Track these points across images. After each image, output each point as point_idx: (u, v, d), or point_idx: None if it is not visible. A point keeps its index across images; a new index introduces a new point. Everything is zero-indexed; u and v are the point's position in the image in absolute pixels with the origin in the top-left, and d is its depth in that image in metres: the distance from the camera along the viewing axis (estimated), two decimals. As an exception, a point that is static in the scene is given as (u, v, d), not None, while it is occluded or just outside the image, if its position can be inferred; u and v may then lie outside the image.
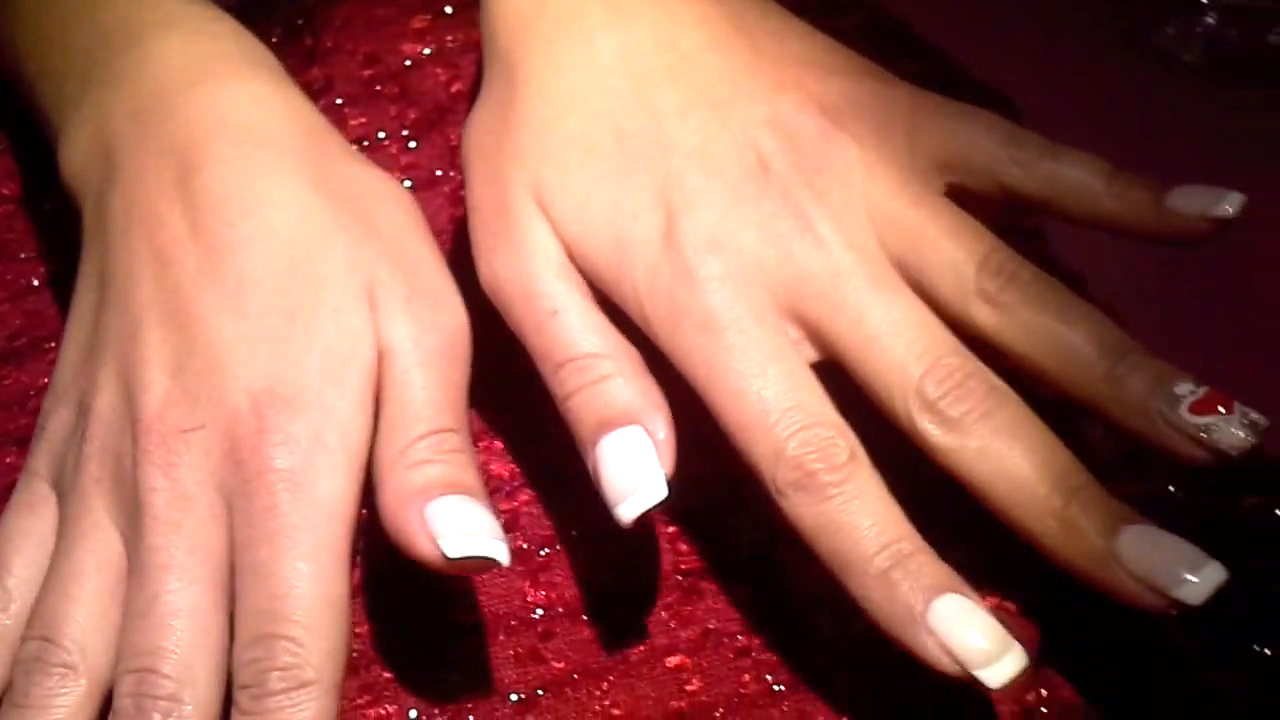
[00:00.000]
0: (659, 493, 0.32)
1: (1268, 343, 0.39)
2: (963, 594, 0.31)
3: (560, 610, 0.36)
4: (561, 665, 0.36)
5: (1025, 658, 0.30)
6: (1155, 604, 0.30)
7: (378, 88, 0.44)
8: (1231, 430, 0.30)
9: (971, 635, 0.30)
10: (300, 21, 0.45)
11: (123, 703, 0.31)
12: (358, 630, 0.36)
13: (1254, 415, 0.30)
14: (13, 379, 0.41)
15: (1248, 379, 0.32)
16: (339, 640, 0.31)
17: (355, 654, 0.36)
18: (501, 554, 0.31)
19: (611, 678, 0.36)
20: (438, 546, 0.31)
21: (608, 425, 0.32)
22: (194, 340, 0.33)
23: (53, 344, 0.41)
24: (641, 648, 0.36)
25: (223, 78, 0.36)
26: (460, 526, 0.31)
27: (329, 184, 0.35)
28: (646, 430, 0.32)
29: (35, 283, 0.42)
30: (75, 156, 0.36)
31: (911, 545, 0.31)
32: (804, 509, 0.32)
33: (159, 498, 0.32)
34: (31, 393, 0.41)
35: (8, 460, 0.39)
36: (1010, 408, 0.32)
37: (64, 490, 0.34)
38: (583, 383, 0.33)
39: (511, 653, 0.36)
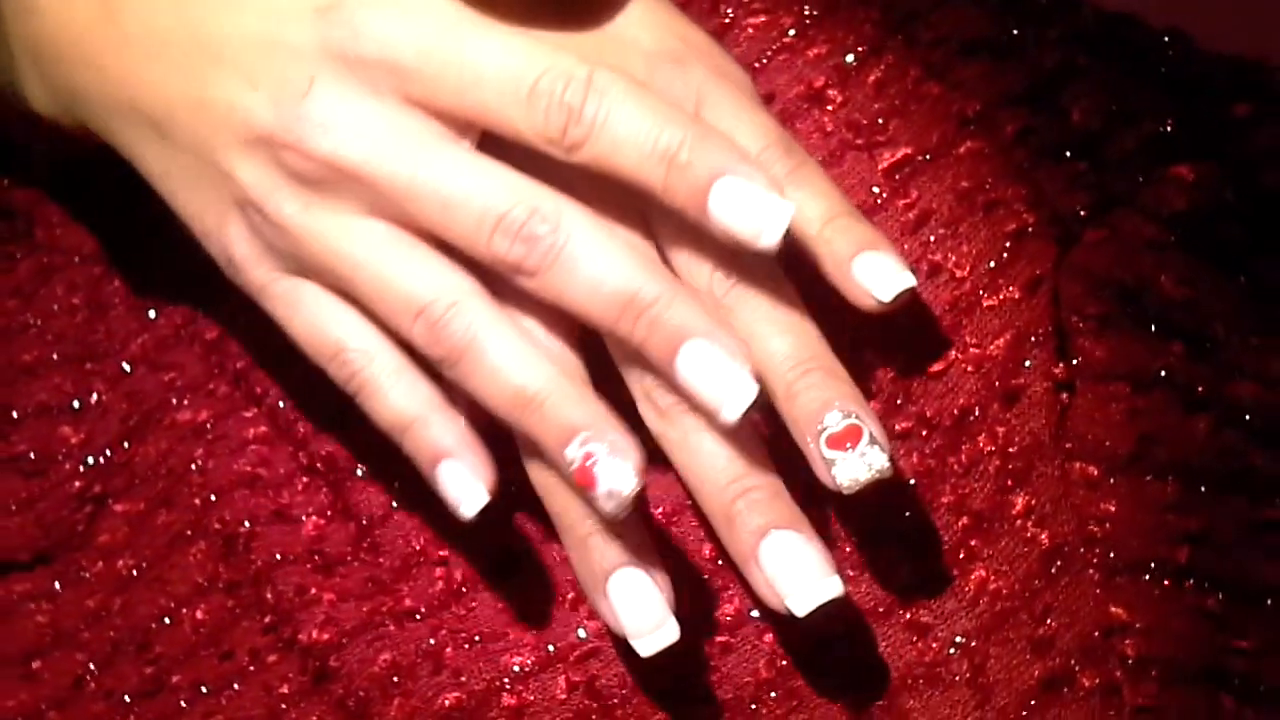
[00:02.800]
0: None
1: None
2: (643, 569, 0.33)
3: None
4: None
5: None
6: (778, 608, 0.32)
7: None
8: (848, 468, 0.31)
9: (635, 609, 0.34)
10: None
11: None
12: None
13: (872, 455, 0.31)
14: None
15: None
16: None
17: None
18: None
19: None
20: None
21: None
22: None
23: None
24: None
25: None
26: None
27: None
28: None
29: None
30: None
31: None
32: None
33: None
34: None
35: None
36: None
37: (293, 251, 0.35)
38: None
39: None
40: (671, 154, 0.32)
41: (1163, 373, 0.32)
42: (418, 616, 0.41)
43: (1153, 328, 0.32)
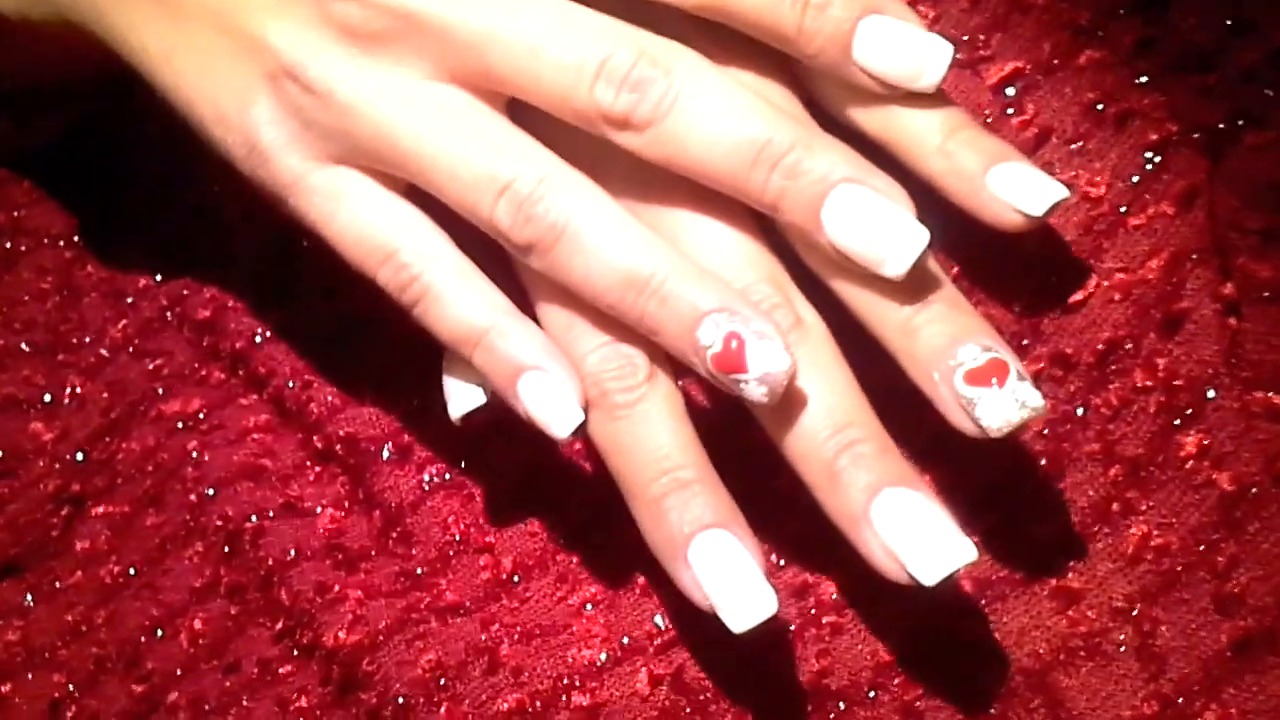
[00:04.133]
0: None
1: None
2: (731, 531, 0.29)
3: None
4: None
5: (770, 603, 0.28)
6: (897, 577, 0.28)
7: None
8: (996, 408, 0.27)
9: (724, 575, 0.28)
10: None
11: None
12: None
13: (1024, 392, 0.27)
14: None
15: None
16: None
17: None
18: None
19: None
20: None
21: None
22: None
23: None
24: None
25: None
26: None
27: None
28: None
29: None
30: None
31: (693, 474, 0.29)
32: (596, 427, 0.30)
33: None
34: None
35: None
36: None
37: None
38: None
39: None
40: None
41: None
42: (463, 611, 0.36)
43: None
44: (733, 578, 0.28)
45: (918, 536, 0.27)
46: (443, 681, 0.35)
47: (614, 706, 0.33)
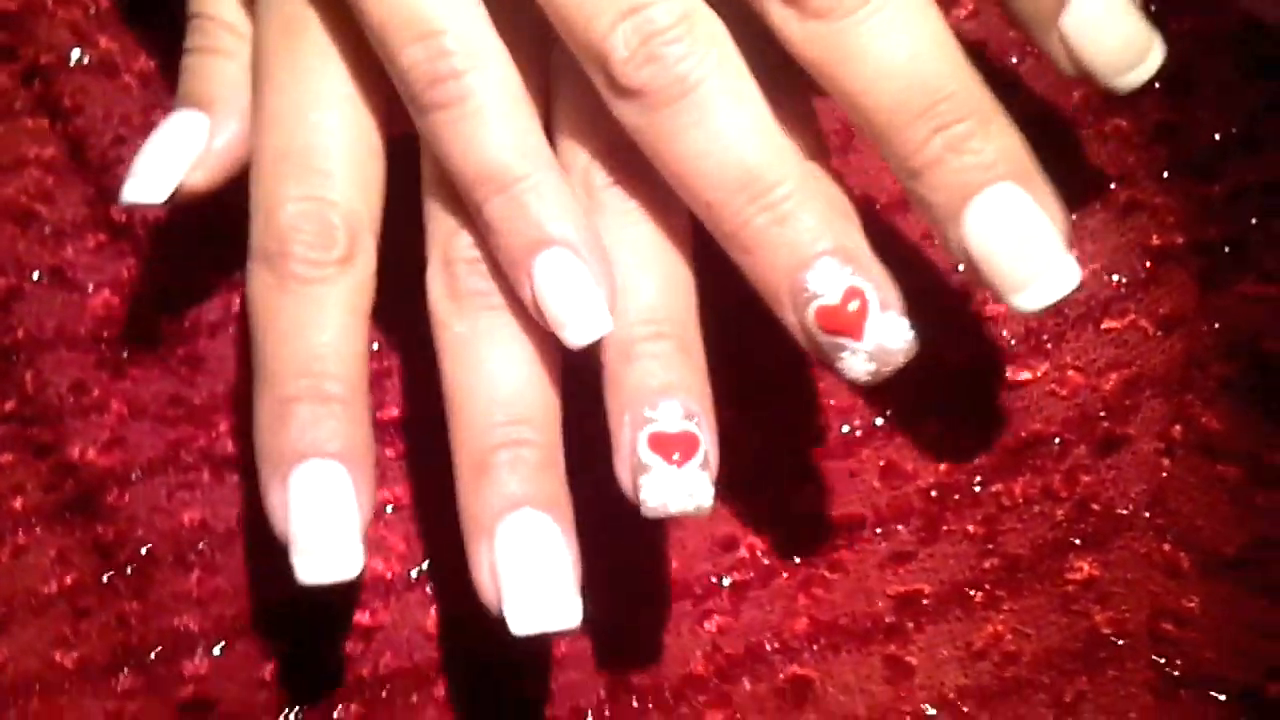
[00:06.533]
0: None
1: None
2: (350, 471, 0.25)
3: None
4: None
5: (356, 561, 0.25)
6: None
7: None
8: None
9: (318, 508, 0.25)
10: None
11: None
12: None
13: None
14: None
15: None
16: None
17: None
18: None
19: None
20: None
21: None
22: None
23: None
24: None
25: None
26: None
27: None
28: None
29: None
30: None
31: (340, 389, 0.25)
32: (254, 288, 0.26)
33: None
34: None
35: None
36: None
37: None
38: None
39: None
40: None
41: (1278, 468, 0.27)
42: (241, 470, 0.31)
43: (1279, 417, 0.27)
44: (329, 515, 0.25)
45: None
46: (202, 547, 0.30)
47: (389, 634, 0.29)
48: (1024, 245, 0.23)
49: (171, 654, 0.30)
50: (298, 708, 0.30)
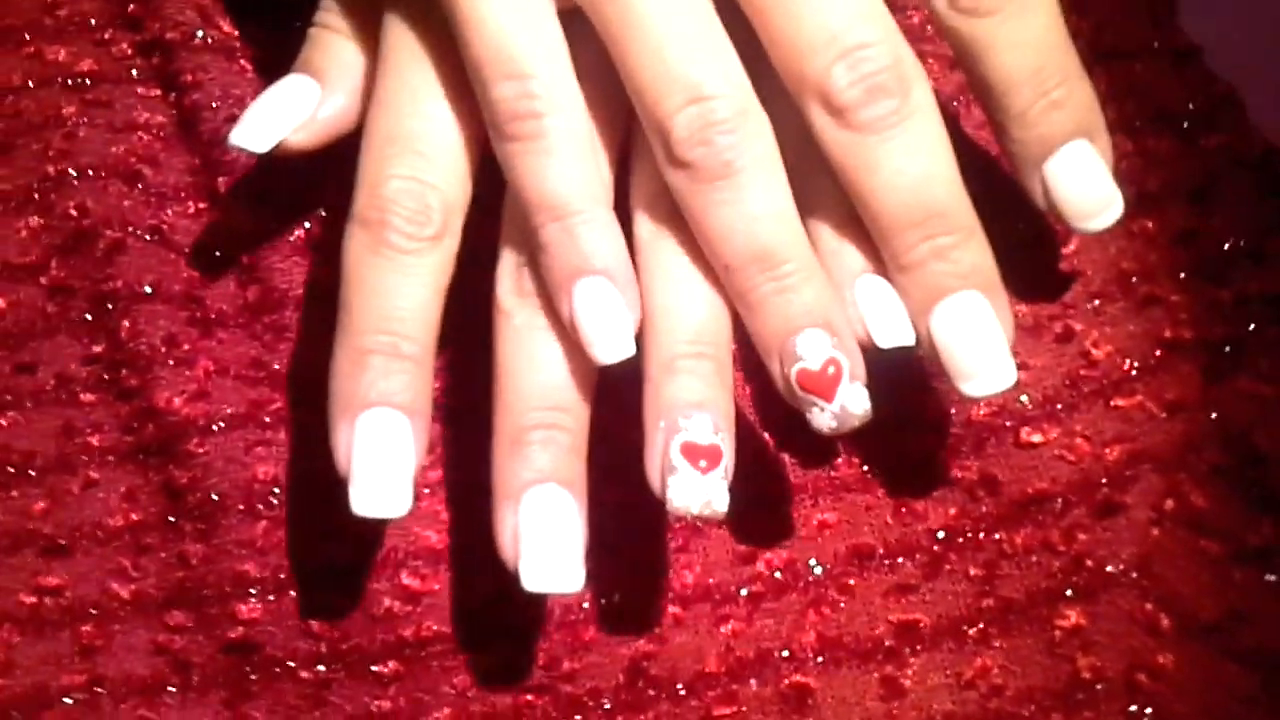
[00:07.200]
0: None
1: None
2: (411, 421, 0.29)
3: None
4: None
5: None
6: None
7: None
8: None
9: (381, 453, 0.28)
10: None
11: None
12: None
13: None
14: None
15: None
16: None
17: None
18: None
19: None
20: None
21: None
22: None
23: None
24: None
25: None
26: None
27: None
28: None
29: None
30: None
31: (415, 349, 0.29)
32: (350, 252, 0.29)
33: None
34: None
35: None
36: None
37: None
38: None
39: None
40: None
41: (1257, 551, 0.31)
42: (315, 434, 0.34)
43: (1260, 503, 0.31)
44: (389, 458, 0.28)
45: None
46: (273, 499, 0.33)
47: (434, 600, 0.32)
48: (977, 344, 0.28)
49: (227, 596, 0.33)
50: (338, 660, 0.32)
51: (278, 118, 0.31)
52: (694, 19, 0.28)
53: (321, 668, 0.33)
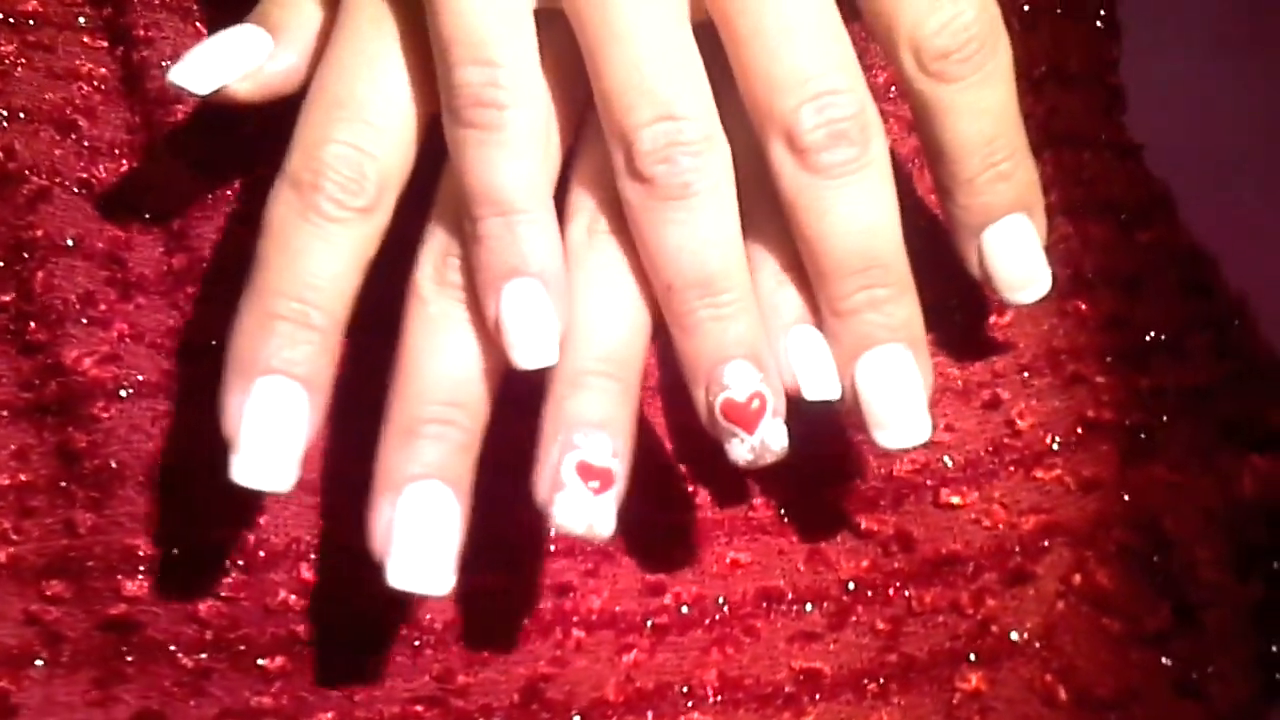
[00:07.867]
0: None
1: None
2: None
3: None
4: None
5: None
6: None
7: None
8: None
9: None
10: None
11: None
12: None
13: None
14: None
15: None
16: None
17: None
18: None
19: None
20: None
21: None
22: None
23: None
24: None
25: None
26: None
27: None
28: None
29: None
30: None
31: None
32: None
33: None
34: None
35: None
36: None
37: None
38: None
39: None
40: None
41: (1156, 634, 0.31)
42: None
43: (1163, 588, 0.31)
44: (280, 429, 0.27)
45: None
46: (174, 475, 0.32)
47: (331, 597, 0.31)
48: (898, 396, 0.28)
49: (113, 569, 0.31)
50: (223, 649, 0.31)
51: (223, 63, 0.30)
52: (674, 40, 0.28)
53: (204, 655, 0.31)
